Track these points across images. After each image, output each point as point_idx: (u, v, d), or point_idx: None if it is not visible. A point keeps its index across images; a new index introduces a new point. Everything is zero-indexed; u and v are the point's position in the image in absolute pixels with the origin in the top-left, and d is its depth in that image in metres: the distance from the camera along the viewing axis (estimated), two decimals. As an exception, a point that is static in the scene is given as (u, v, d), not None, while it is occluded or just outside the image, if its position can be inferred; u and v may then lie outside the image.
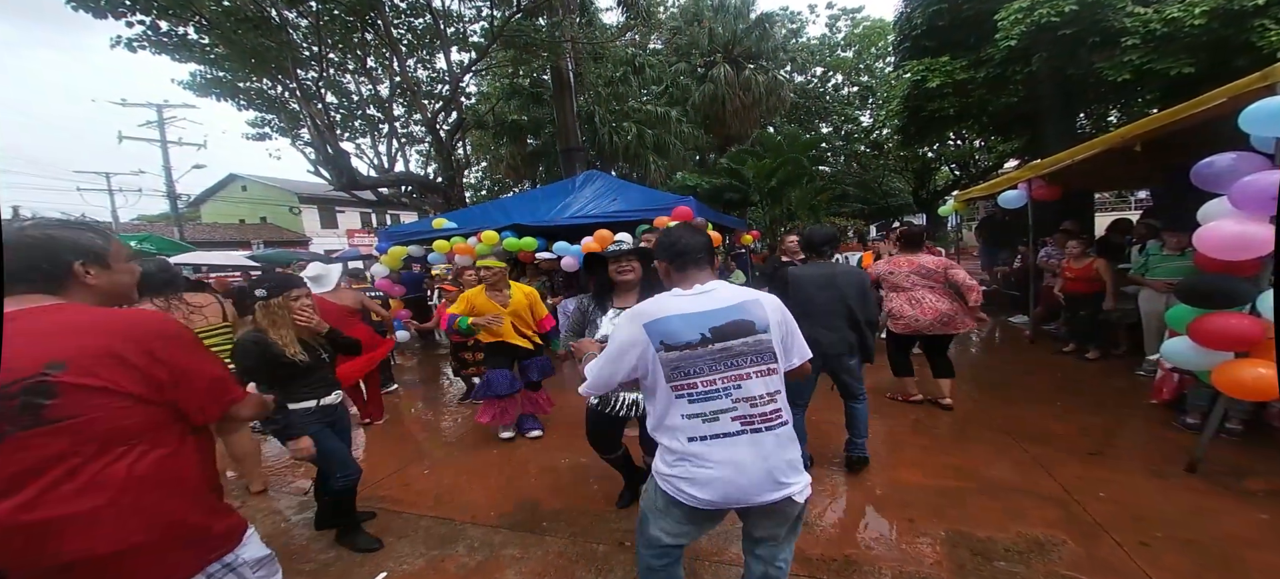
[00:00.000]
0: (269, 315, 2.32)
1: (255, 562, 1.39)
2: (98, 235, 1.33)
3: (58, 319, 1.15)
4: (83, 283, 1.26)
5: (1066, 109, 8.34)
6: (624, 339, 1.51)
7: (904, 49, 9.80)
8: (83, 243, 1.27)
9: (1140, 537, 2.32)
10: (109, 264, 1.31)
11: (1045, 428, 3.59)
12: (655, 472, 1.55)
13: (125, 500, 1.10)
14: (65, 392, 1.06)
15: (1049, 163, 5.10)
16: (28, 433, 1.03)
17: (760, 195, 13.02)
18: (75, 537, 1.05)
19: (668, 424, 1.49)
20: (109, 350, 1.12)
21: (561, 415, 4.42)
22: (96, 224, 1.47)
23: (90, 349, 1.10)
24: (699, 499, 1.44)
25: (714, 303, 1.50)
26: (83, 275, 1.25)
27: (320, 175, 11.57)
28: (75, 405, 1.07)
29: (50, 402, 1.05)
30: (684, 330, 1.46)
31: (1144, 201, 16.47)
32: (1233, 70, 4.05)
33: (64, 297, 1.23)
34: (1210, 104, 2.86)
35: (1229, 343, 2.52)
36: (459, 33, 11.21)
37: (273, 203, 28.11)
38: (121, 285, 1.38)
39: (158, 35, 8.23)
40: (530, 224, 6.30)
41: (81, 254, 1.25)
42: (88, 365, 1.08)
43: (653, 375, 1.48)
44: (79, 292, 1.26)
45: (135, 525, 1.11)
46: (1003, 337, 6.88)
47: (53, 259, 1.22)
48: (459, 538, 2.65)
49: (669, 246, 1.62)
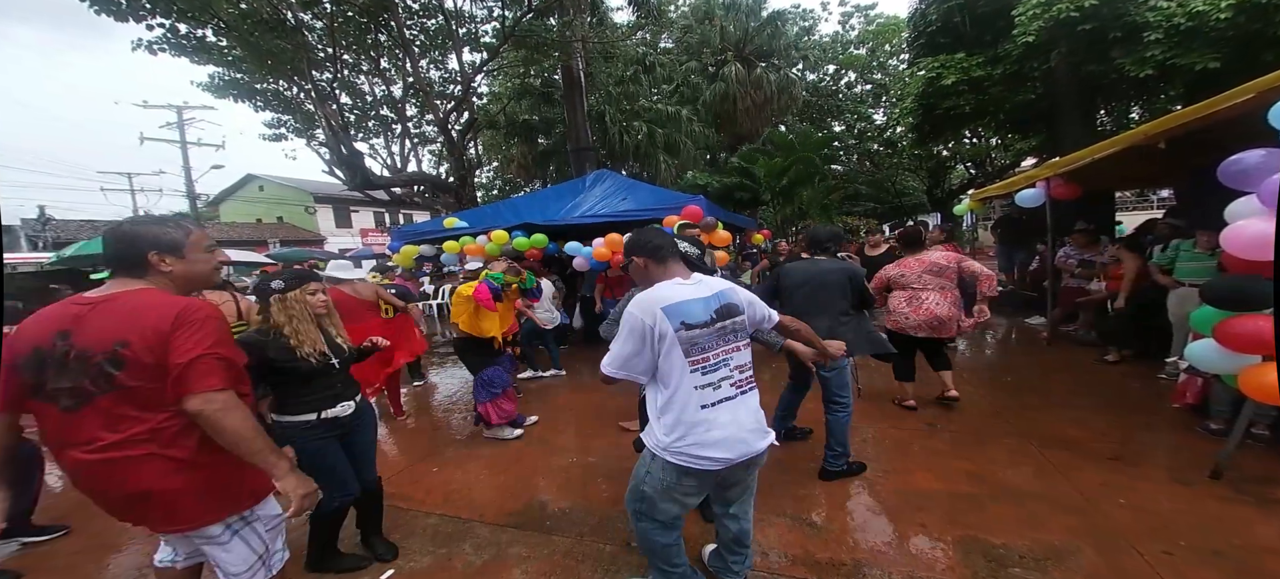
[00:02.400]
0: (285, 310, 2.19)
1: (269, 518, 1.66)
2: (175, 229, 1.54)
3: (133, 302, 1.40)
4: (159, 270, 1.49)
5: (1086, 106, 8.16)
6: (644, 324, 1.68)
7: (918, 46, 9.66)
8: (159, 236, 1.50)
9: (1162, 546, 2.25)
10: (184, 254, 1.53)
11: (1063, 432, 3.50)
12: (659, 454, 1.73)
13: (168, 452, 1.39)
14: (129, 364, 1.34)
15: (1069, 161, 4.99)
16: (105, 395, 1.34)
17: (771, 194, 12.95)
18: (135, 477, 1.37)
19: (678, 399, 1.69)
20: (158, 330, 1.35)
21: (569, 415, 4.43)
22: (179, 220, 1.62)
23: (148, 329, 1.35)
24: (715, 459, 1.68)
25: (711, 289, 1.80)
26: (158, 263, 1.48)
27: (335, 175, 11.73)
28: (140, 374, 1.34)
29: (118, 373, 1.34)
30: (700, 312, 1.73)
31: (1166, 200, 16.08)
32: (1260, 65, 3.92)
33: (148, 281, 1.48)
34: (1238, 100, 2.78)
35: (1256, 346, 2.43)
36: (471, 33, 11.30)
37: (289, 202, 28.53)
38: (198, 272, 1.59)
39: (177, 38, 8.42)
40: (540, 223, 6.32)
41: (156, 245, 1.48)
42: (146, 342, 1.34)
43: (667, 356, 1.68)
44: (157, 277, 1.49)
45: (173, 471, 1.40)
46: (1020, 338, 6.75)
47: (133, 249, 1.47)
48: (466, 536, 2.65)
49: (645, 245, 1.87)
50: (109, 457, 1.35)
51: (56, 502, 3.19)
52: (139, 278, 1.47)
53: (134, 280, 1.47)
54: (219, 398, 1.37)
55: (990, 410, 4.03)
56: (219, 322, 1.46)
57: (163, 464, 1.38)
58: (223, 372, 1.39)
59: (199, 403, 1.34)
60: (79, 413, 1.34)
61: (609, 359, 1.76)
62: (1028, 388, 4.56)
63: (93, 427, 1.35)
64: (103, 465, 1.36)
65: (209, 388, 1.35)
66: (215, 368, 1.37)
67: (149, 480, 1.38)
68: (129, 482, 1.38)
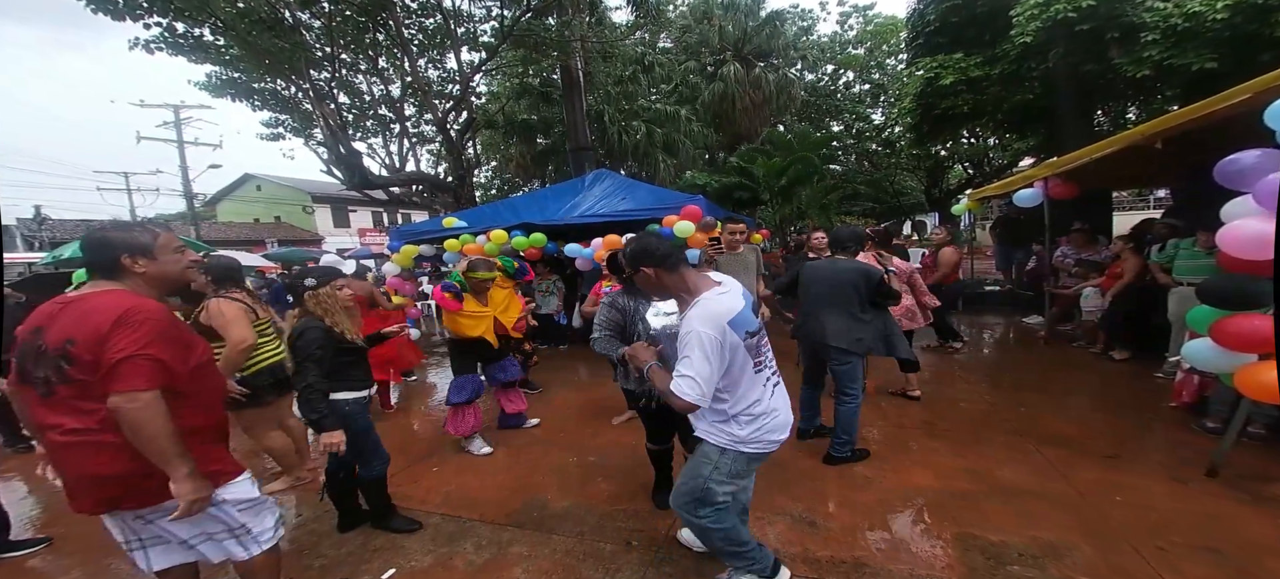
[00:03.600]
0: (319, 304, 2.43)
1: (238, 501, 1.71)
2: (143, 233, 1.64)
3: (89, 304, 1.48)
4: (132, 271, 1.58)
5: (1084, 106, 8.18)
6: (716, 341, 1.65)
7: (917, 46, 9.68)
8: (130, 239, 1.59)
9: (1157, 542, 2.27)
10: (154, 255, 1.62)
11: (1060, 430, 3.52)
12: (735, 447, 1.81)
13: (114, 438, 1.46)
14: (76, 361, 1.43)
15: (1066, 160, 5.02)
16: (64, 386, 1.45)
17: (770, 194, 12.91)
18: (93, 461, 1.49)
19: (749, 397, 1.79)
20: (97, 330, 1.43)
21: (569, 414, 4.43)
22: (149, 224, 1.71)
23: (90, 329, 1.43)
24: (780, 439, 1.86)
25: (741, 290, 1.86)
26: (131, 265, 1.58)
27: (333, 175, 11.71)
28: (82, 369, 1.43)
29: (69, 367, 1.44)
30: (752, 318, 1.81)
31: (1163, 201, 16.13)
32: (1257, 66, 3.94)
33: (122, 281, 1.58)
34: (1234, 100, 2.80)
35: (1252, 344, 2.45)
36: (469, 32, 11.28)
37: (287, 202, 28.47)
38: (168, 272, 1.68)
39: (174, 37, 8.38)
40: (539, 223, 6.32)
41: (128, 248, 1.58)
42: (87, 342, 1.42)
43: (740, 365, 1.75)
44: (131, 278, 1.59)
45: (122, 456, 1.48)
46: (1018, 337, 6.78)
47: (106, 253, 1.57)
48: (467, 535, 2.66)
49: (653, 253, 1.84)
50: (71, 441, 1.47)
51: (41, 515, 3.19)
52: (115, 280, 1.57)
53: (109, 283, 1.57)
54: (141, 398, 1.42)
55: (988, 409, 4.05)
56: (160, 325, 1.49)
57: (116, 451, 1.48)
58: (147, 372, 1.43)
59: (119, 400, 1.41)
60: (48, 401, 1.47)
61: (694, 389, 1.63)
62: (1025, 386, 4.58)
63: (58, 413, 1.47)
64: (67, 448, 1.49)
65: (132, 387, 1.41)
66: (142, 368, 1.42)
67: (106, 465, 1.49)
68: (89, 464, 1.50)
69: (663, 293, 1.91)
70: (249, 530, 1.76)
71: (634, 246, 1.91)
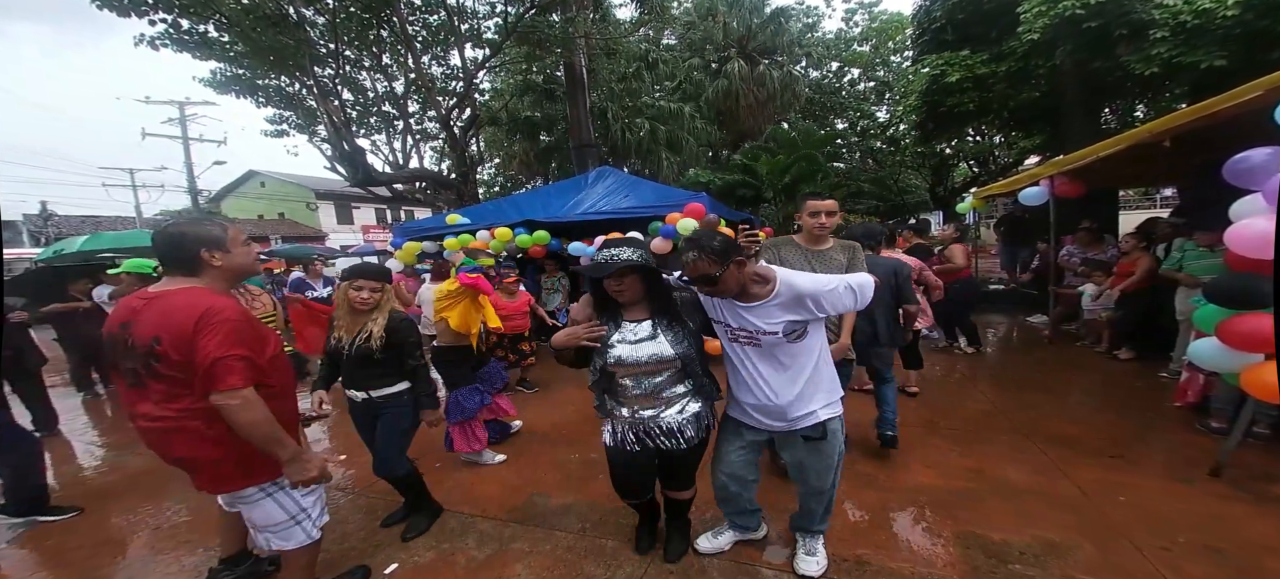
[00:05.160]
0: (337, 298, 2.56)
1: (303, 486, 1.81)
2: (215, 226, 1.73)
3: (170, 301, 1.58)
4: (210, 265, 1.68)
5: (1091, 104, 8.12)
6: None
7: (922, 43, 9.62)
8: (206, 233, 1.68)
9: (1161, 542, 2.26)
10: (228, 249, 1.71)
11: (1064, 429, 3.51)
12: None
13: (197, 427, 1.60)
14: (163, 358, 1.54)
15: (1073, 159, 4.98)
16: (152, 379, 1.57)
17: (774, 192, 12.88)
18: (178, 445, 1.64)
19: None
20: (182, 330, 1.52)
21: (569, 411, 4.44)
22: (218, 218, 1.82)
23: (175, 328, 1.53)
24: None
25: None
26: (209, 260, 1.67)
27: (336, 171, 11.71)
28: (170, 366, 1.55)
29: (157, 363, 1.55)
30: None
31: (1170, 200, 16.01)
32: (1267, 63, 3.90)
33: (200, 277, 1.67)
34: (1244, 98, 2.77)
35: (1258, 344, 2.44)
36: (473, 29, 11.25)
37: (291, 199, 28.58)
38: (242, 264, 1.79)
39: (179, 33, 8.39)
40: (543, 220, 6.32)
41: (205, 243, 1.66)
42: (172, 340, 1.53)
43: None
44: (209, 272, 1.69)
45: (204, 444, 1.63)
46: (1022, 336, 6.75)
47: (184, 248, 1.66)
48: (468, 531, 2.67)
49: (727, 248, 1.81)
50: (158, 427, 1.62)
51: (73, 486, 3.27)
52: (191, 274, 1.67)
53: (186, 278, 1.66)
54: (237, 396, 1.53)
55: (991, 407, 4.03)
56: (237, 324, 1.59)
57: (200, 438, 1.62)
58: (241, 371, 1.54)
59: (219, 400, 1.53)
60: (137, 390, 1.61)
61: (865, 285, 1.90)
62: (1029, 385, 4.57)
63: (146, 402, 1.61)
64: (154, 433, 1.64)
65: (228, 387, 1.52)
66: (233, 368, 1.53)
67: (189, 449, 1.64)
68: (174, 448, 1.65)
69: (736, 291, 1.85)
70: (309, 514, 1.89)
71: (717, 244, 1.80)
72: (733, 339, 1.97)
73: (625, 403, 2.04)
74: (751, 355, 1.94)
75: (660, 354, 1.93)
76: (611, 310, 2.01)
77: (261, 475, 1.76)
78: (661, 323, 1.96)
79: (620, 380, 2.02)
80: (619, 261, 1.84)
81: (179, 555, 2.61)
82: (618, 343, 1.96)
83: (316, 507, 1.92)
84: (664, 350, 1.93)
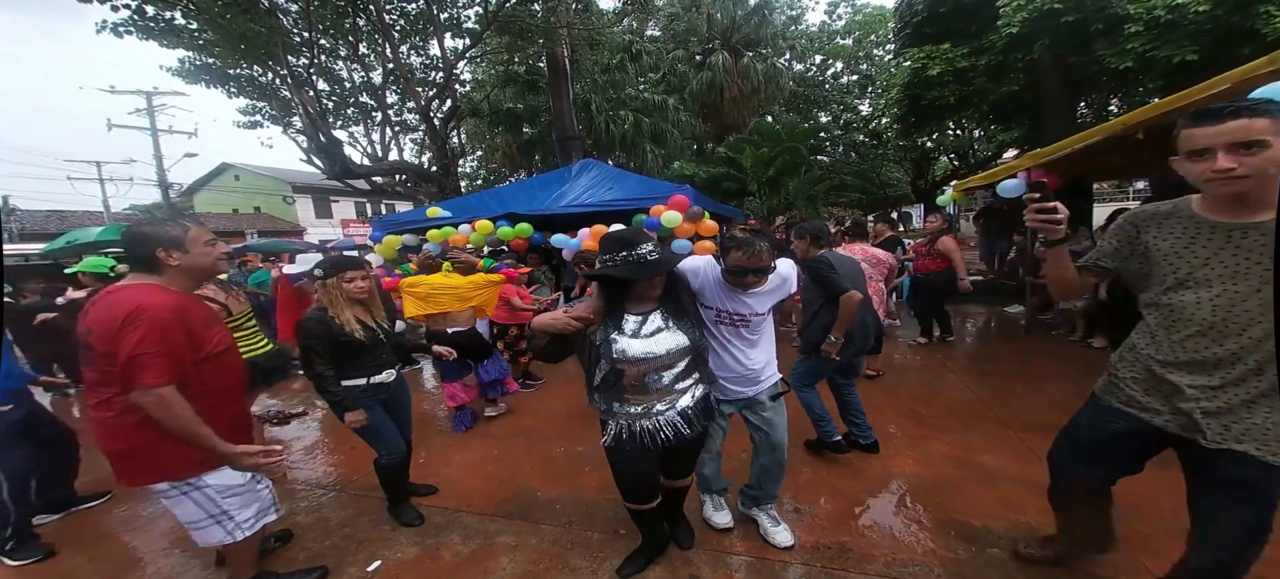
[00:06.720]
0: (327, 294, 2.46)
1: (223, 488, 1.84)
2: (176, 227, 1.78)
3: (115, 297, 1.63)
4: (167, 264, 1.74)
5: (1068, 98, 8.29)
6: None
7: (904, 36, 9.72)
8: (163, 233, 1.74)
9: (1139, 527, 2.31)
10: (187, 249, 1.77)
11: (1042, 416, 3.57)
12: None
13: (114, 421, 1.65)
14: (93, 349, 1.61)
15: (1049, 151, 5.06)
16: (89, 368, 1.66)
17: (758, 185, 12.94)
18: (105, 436, 1.69)
19: None
20: (111, 324, 1.57)
21: (556, 405, 4.40)
22: (180, 219, 1.88)
23: (106, 323, 1.57)
24: None
25: None
26: (166, 259, 1.73)
27: (313, 164, 11.45)
28: (96, 358, 1.61)
29: (91, 352, 1.62)
30: None
31: (1142, 192, 16.47)
32: (1237, 57, 3.98)
33: (159, 275, 1.74)
34: (1214, 90, 2.82)
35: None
36: (453, 18, 11.04)
37: (266, 192, 27.81)
38: (201, 264, 1.83)
39: (144, 20, 8.08)
40: (525, 213, 6.24)
41: (163, 243, 1.73)
42: (101, 334, 1.58)
43: None
44: (168, 271, 1.75)
45: (114, 437, 1.67)
46: (999, 326, 6.88)
47: (144, 247, 1.72)
48: (454, 526, 2.63)
49: (755, 244, 1.93)
50: (94, 417, 1.68)
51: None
52: (152, 273, 1.73)
53: (145, 276, 1.73)
54: (151, 394, 1.57)
55: (971, 396, 4.10)
56: (164, 323, 1.61)
57: (119, 430, 1.66)
58: (157, 369, 1.57)
59: (137, 396, 1.58)
60: (86, 380, 1.69)
61: None
62: (1007, 374, 4.65)
63: (90, 392, 1.69)
64: (92, 423, 1.71)
65: (143, 383, 1.56)
66: (147, 366, 1.56)
67: (112, 441, 1.68)
68: (102, 439, 1.70)
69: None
70: (230, 515, 1.88)
71: (758, 237, 1.97)
72: (718, 321, 2.09)
73: (638, 400, 1.90)
74: (737, 333, 2.10)
75: (678, 344, 1.86)
76: (613, 308, 1.90)
77: (175, 474, 1.77)
78: (669, 312, 1.92)
79: (631, 378, 1.87)
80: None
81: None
82: (621, 338, 1.84)
83: (243, 509, 1.91)
84: (681, 340, 1.87)
